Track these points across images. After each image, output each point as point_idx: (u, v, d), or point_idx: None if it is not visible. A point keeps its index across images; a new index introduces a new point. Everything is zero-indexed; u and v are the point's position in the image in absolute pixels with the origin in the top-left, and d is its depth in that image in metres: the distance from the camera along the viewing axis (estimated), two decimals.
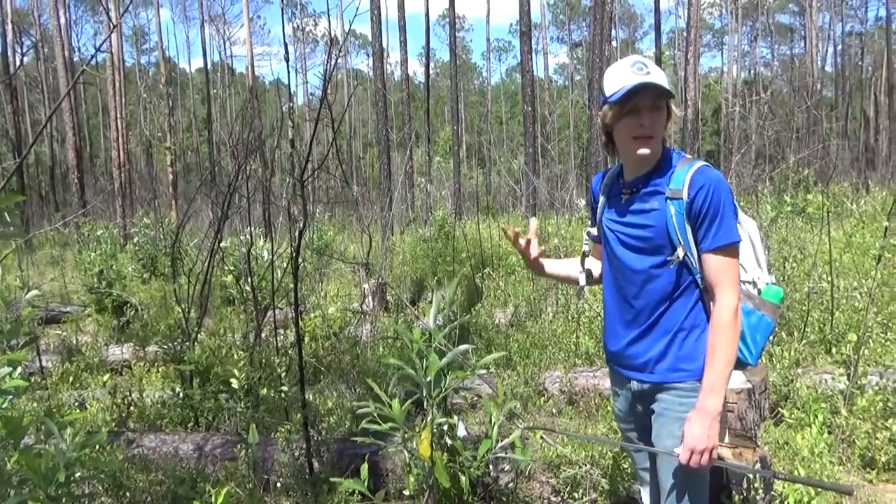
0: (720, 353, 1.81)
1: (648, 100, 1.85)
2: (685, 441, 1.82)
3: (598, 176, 2.21)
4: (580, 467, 3.19)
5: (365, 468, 2.90)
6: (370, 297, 7.65)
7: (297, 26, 47.35)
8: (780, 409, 3.94)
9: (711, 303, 1.88)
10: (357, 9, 4.09)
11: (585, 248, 2.24)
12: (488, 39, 49.14)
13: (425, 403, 2.84)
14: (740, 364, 1.94)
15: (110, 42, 20.79)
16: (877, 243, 7.88)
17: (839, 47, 40.19)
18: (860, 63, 43.16)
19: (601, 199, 2.12)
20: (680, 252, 1.87)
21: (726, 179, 1.86)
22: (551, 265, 2.30)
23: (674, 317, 1.93)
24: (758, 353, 1.94)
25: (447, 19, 28.69)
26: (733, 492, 2.73)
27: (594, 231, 2.16)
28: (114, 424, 4.22)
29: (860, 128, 36.98)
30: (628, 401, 2.11)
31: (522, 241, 2.17)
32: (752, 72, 47.90)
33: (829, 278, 5.40)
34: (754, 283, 1.96)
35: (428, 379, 2.79)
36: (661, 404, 1.97)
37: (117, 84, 20.95)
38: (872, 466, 3.51)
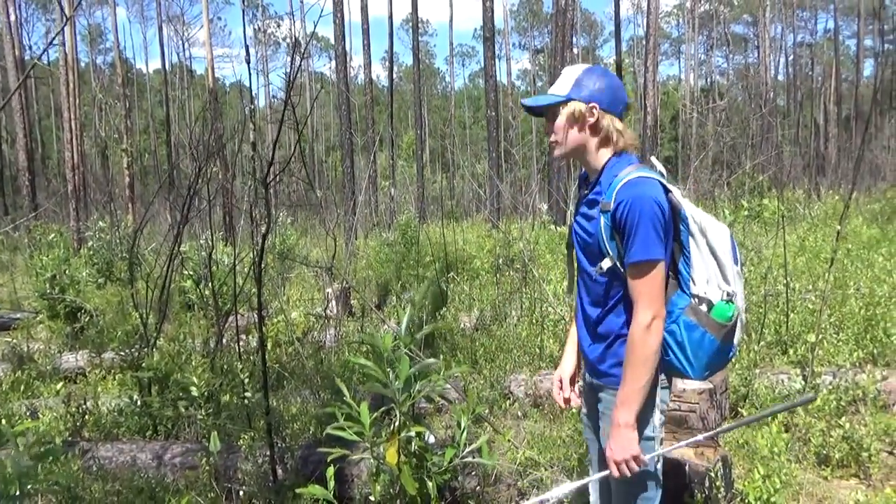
0: (629, 370, 1.84)
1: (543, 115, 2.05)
2: (607, 456, 1.89)
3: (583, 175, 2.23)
4: (546, 470, 3.20)
5: (331, 474, 2.86)
6: (334, 302, 7.58)
7: (259, 28, 46.77)
8: (739, 409, 4.02)
9: None
10: (321, 10, 4.05)
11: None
12: (451, 44, 49.36)
13: (395, 409, 2.82)
14: (682, 376, 1.96)
15: (63, 39, 20.19)
16: (828, 247, 8.15)
17: (790, 57, 41.51)
18: (810, 73, 44.64)
19: (575, 199, 2.22)
20: (605, 263, 1.90)
21: (654, 193, 1.83)
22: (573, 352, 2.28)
23: (610, 323, 1.96)
24: (701, 368, 1.89)
25: (410, 23, 28.71)
26: (695, 491, 2.77)
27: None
28: (68, 434, 4.08)
29: (811, 135, 38.22)
30: (588, 395, 2.17)
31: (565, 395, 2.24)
32: (709, 80, 49.18)
33: (785, 281, 5.55)
34: (700, 299, 1.87)
35: (397, 385, 2.77)
36: (602, 403, 2.04)
37: (71, 84, 20.33)
38: (827, 464, 3.61)
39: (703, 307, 1.86)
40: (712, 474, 2.72)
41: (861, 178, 18.58)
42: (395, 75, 29.07)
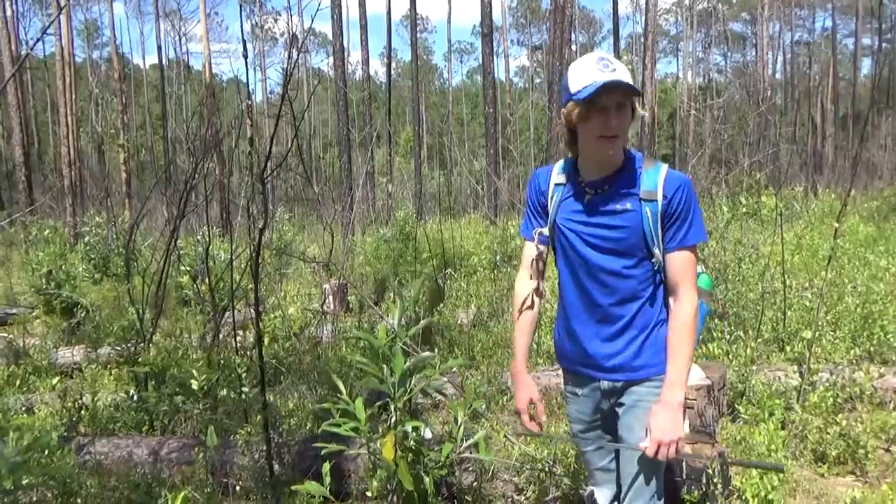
0: (684, 350, 1.86)
1: (615, 98, 1.80)
2: (652, 434, 1.83)
3: (543, 171, 2.12)
4: (543, 465, 3.20)
5: (327, 470, 2.85)
6: (331, 298, 7.57)
7: (256, 23, 46.65)
8: (736, 406, 4.02)
9: (671, 298, 1.94)
10: (319, 5, 4.03)
11: (536, 251, 2.10)
12: (450, 41, 49.31)
13: (391, 405, 2.81)
14: None
15: (60, 34, 20.13)
16: (825, 245, 8.16)
17: (788, 56, 41.58)
18: (808, 71, 44.69)
19: (554, 197, 2.03)
20: (657, 252, 1.90)
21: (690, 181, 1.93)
22: (524, 348, 2.22)
23: (649, 314, 1.95)
24: (697, 338, 2.03)
25: (409, 19, 28.66)
26: (692, 487, 2.77)
27: (546, 231, 2.06)
28: (64, 429, 4.06)
29: (808, 134, 38.28)
30: (594, 401, 2.06)
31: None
32: (707, 78, 49.19)
33: (782, 279, 5.55)
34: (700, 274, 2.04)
35: (393, 380, 2.76)
36: (632, 397, 1.97)
37: (67, 79, 20.26)
38: (824, 461, 3.61)
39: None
40: (709, 471, 2.72)
41: (858, 176, 18.61)
42: (393, 71, 29.06)
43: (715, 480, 2.71)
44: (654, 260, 1.91)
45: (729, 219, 6.43)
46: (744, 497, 2.66)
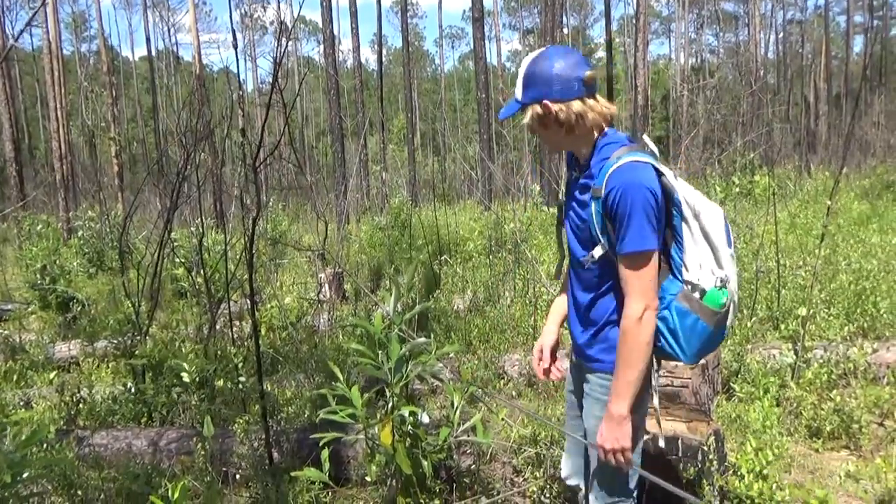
0: (622, 362, 1.81)
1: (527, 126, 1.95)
2: (598, 438, 1.88)
3: None
4: (540, 447, 3.22)
5: (326, 456, 2.87)
6: (327, 287, 7.57)
7: (245, 12, 46.25)
8: (731, 384, 4.05)
9: None
10: None
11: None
12: (441, 26, 49.00)
13: (387, 391, 2.82)
14: (674, 360, 1.92)
15: (47, 27, 19.92)
16: (819, 223, 8.19)
17: (781, 35, 41.46)
18: (801, 50, 44.58)
19: (566, 170, 2.09)
20: (597, 251, 1.86)
21: (647, 180, 1.76)
22: (555, 310, 2.24)
23: (601, 308, 1.93)
24: (693, 354, 1.85)
25: (399, 6, 28.45)
26: (688, 464, 2.80)
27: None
28: (62, 423, 4.08)
29: (801, 113, 38.24)
30: (576, 374, 2.15)
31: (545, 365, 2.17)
32: (699, 58, 49.03)
33: (776, 257, 5.57)
34: (694, 286, 1.81)
35: (389, 366, 2.78)
36: (587, 384, 2.02)
37: (56, 72, 20.08)
38: (818, 436, 3.65)
39: (696, 294, 1.80)
40: (705, 448, 2.74)
41: (851, 154, 18.64)
42: (384, 58, 28.84)
43: (711, 457, 2.74)
44: (594, 259, 1.87)
45: (722, 199, 6.44)
46: (739, 472, 2.69)
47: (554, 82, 1.82)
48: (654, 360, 1.91)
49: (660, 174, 1.81)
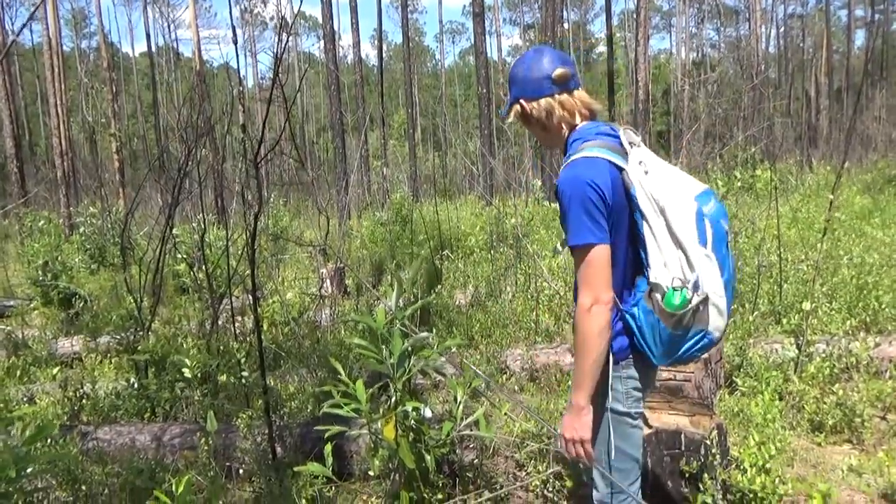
0: (576, 353, 1.84)
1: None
2: (560, 428, 1.91)
3: None
4: (543, 441, 3.23)
5: (329, 451, 2.87)
6: (328, 282, 7.58)
7: (245, 8, 46.15)
8: (734, 378, 4.06)
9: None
10: None
11: None
12: (441, 21, 48.89)
13: (390, 385, 2.83)
14: (646, 358, 1.89)
15: (47, 23, 19.89)
16: (821, 217, 8.17)
17: (782, 29, 41.35)
18: (802, 44, 44.46)
19: None
20: (560, 245, 1.92)
21: (587, 174, 1.77)
22: None
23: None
24: (661, 355, 1.83)
25: (399, 1, 28.39)
26: (691, 458, 2.80)
27: None
28: (66, 418, 4.09)
29: (802, 107, 38.13)
30: None
31: None
32: (700, 53, 48.88)
33: (778, 252, 5.57)
34: (656, 286, 1.78)
35: (392, 361, 2.78)
36: None
37: (56, 69, 20.06)
38: (821, 430, 3.65)
39: (658, 295, 1.77)
40: (708, 442, 2.75)
41: (853, 148, 18.60)
42: (384, 54, 28.82)
43: (713, 451, 2.74)
44: (560, 252, 1.91)
45: (724, 193, 6.44)
46: (742, 466, 2.69)
47: (527, 82, 1.93)
48: (632, 357, 1.90)
49: (621, 169, 1.81)
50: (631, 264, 1.88)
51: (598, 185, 1.76)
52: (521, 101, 1.96)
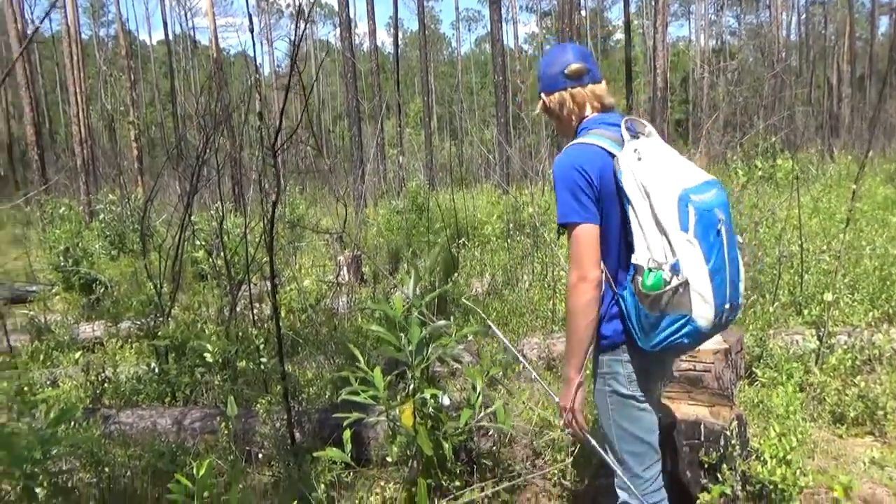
0: (566, 328, 1.96)
1: None
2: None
3: None
4: (562, 430, 3.22)
5: (348, 437, 2.89)
6: (345, 270, 7.61)
7: None
8: (753, 369, 4.02)
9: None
10: None
11: None
12: (457, 8, 48.58)
13: (408, 373, 2.84)
14: (635, 342, 1.93)
15: (65, 12, 20.02)
16: (843, 207, 8.05)
17: (803, 16, 40.58)
18: (823, 31, 43.62)
19: None
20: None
21: (574, 158, 1.90)
22: None
23: None
24: (644, 338, 1.87)
25: None
26: (710, 449, 2.78)
27: None
28: (88, 401, 4.15)
29: (824, 95, 37.51)
30: None
31: None
32: (720, 40, 48.21)
33: (799, 242, 5.50)
34: (638, 268, 1.83)
35: (410, 348, 2.78)
36: None
37: (75, 57, 20.20)
38: (842, 422, 3.61)
39: (639, 277, 1.82)
40: (727, 433, 2.73)
41: (876, 137, 18.27)
42: (400, 42, 28.71)
43: (733, 442, 2.72)
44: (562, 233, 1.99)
45: (744, 183, 6.35)
46: (762, 458, 2.67)
47: (546, 77, 2.09)
48: (627, 340, 1.96)
49: (614, 156, 1.88)
50: (626, 249, 1.92)
51: (586, 169, 1.87)
52: (542, 94, 2.11)
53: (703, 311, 1.77)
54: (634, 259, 1.83)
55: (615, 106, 2.11)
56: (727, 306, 1.81)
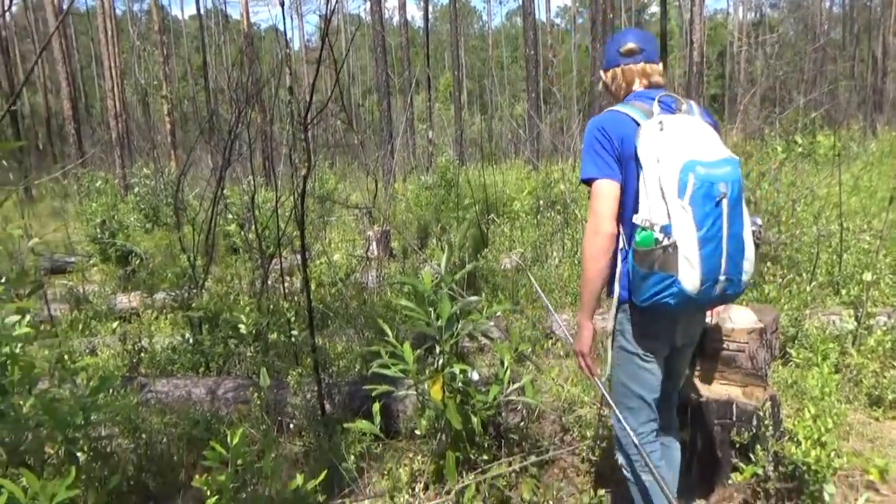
0: (580, 276, 2.12)
1: None
2: None
3: None
4: (590, 407, 3.21)
5: (377, 409, 2.92)
6: (374, 244, 7.64)
7: None
8: (788, 349, 3.95)
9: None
10: None
11: None
12: None
13: (436, 348, 2.84)
14: (630, 298, 2.08)
15: None
16: (885, 185, 7.81)
17: None
18: (869, 3, 41.94)
19: None
20: None
21: (599, 121, 2.07)
22: None
23: None
24: (635, 292, 2.00)
25: None
26: (742, 429, 2.75)
27: None
28: (125, 370, 4.26)
29: (867, 70, 36.23)
30: None
31: None
32: (759, 13, 46.68)
33: (839, 220, 5.35)
34: (633, 228, 1.97)
35: (440, 323, 2.79)
36: None
37: (109, 32, 20.41)
38: (879, 405, 3.54)
39: (637, 237, 1.96)
40: (760, 413, 2.69)
41: None
42: (430, 15, 28.39)
43: (766, 422, 2.68)
44: None
45: (782, 160, 6.18)
46: (796, 439, 2.63)
47: (606, 55, 2.27)
48: (630, 300, 2.09)
49: (638, 125, 2.02)
50: None
51: (608, 131, 2.04)
52: (601, 71, 2.30)
53: (688, 275, 1.88)
54: (634, 219, 1.97)
55: (664, 85, 2.22)
56: (721, 278, 1.91)
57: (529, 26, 19.14)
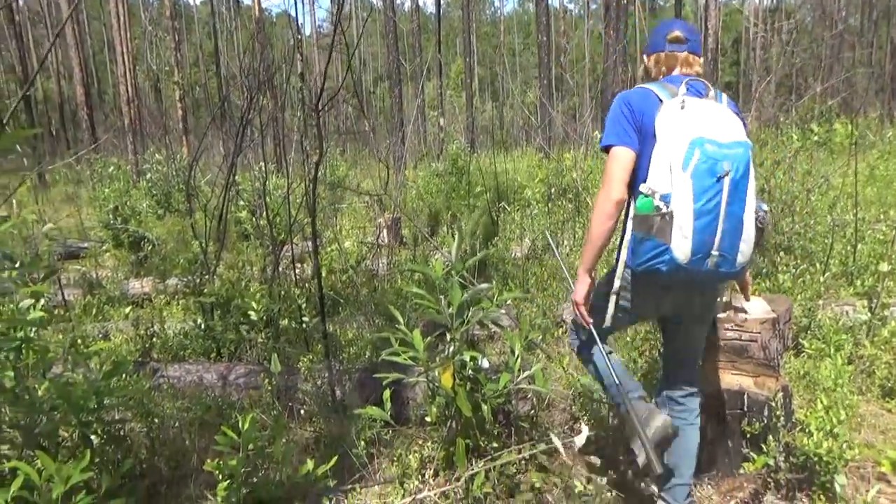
0: (586, 233, 2.31)
1: None
2: None
3: None
4: (602, 396, 3.21)
5: (388, 396, 2.93)
6: (385, 232, 7.64)
7: None
8: (800, 340, 3.92)
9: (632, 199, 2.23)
10: None
11: None
12: None
13: (447, 335, 2.84)
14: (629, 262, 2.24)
15: None
16: None
17: None
18: None
19: None
20: None
21: (625, 94, 2.22)
22: None
23: None
24: (632, 256, 2.17)
25: None
26: (754, 419, 2.74)
27: None
28: (138, 355, 4.30)
29: (886, 57, 35.67)
30: None
31: None
32: None
33: (854, 210, 5.29)
34: (635, 196, 2.15)
35: (450, 311, 2.79)
36: None
37: (121, 17, 20.44)
38: (892, 396, 3.51)
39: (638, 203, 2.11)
40: (772, 403, 2.67)
41: None
42: (442, 1, 28.19)
43: (777, 413, 2.67)
44: None
45: (798, 148, 6.10)
46: (808, 430, 2.62)
47: (650, 40, 2.39)
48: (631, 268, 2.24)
49: (660, 100, 2.15)
50: None
51: (631, 103, 2.19)
52: (644, 55, 2.42)
53: (680, 245, 1.98)
54: (641, 187, 2.08)
55: (701, 75, 2.32)
56: (714, 252, 1.99)
57: (542, 12, 18.97)
